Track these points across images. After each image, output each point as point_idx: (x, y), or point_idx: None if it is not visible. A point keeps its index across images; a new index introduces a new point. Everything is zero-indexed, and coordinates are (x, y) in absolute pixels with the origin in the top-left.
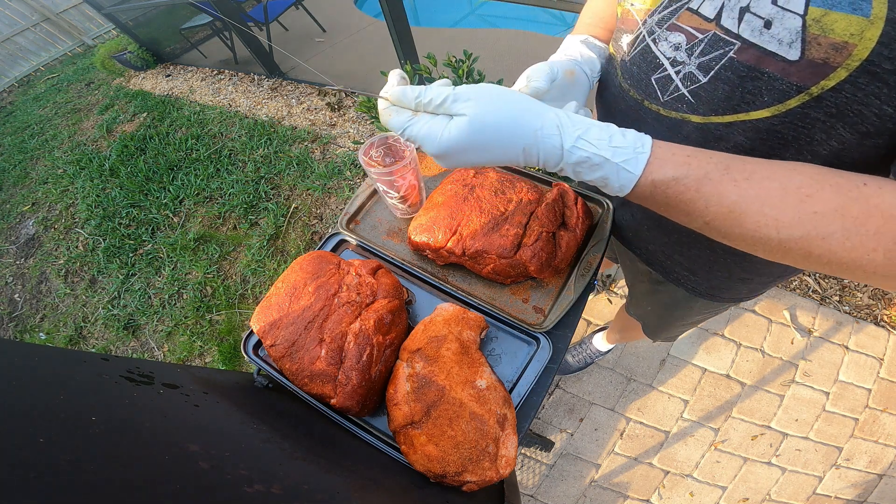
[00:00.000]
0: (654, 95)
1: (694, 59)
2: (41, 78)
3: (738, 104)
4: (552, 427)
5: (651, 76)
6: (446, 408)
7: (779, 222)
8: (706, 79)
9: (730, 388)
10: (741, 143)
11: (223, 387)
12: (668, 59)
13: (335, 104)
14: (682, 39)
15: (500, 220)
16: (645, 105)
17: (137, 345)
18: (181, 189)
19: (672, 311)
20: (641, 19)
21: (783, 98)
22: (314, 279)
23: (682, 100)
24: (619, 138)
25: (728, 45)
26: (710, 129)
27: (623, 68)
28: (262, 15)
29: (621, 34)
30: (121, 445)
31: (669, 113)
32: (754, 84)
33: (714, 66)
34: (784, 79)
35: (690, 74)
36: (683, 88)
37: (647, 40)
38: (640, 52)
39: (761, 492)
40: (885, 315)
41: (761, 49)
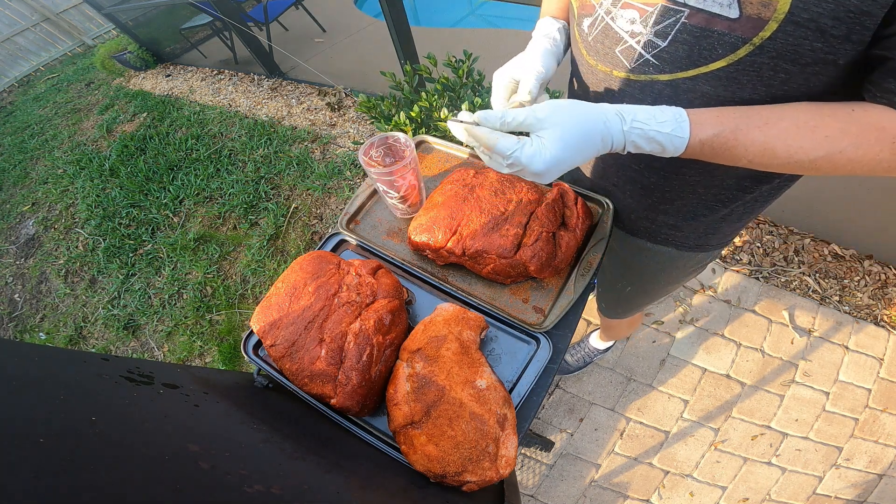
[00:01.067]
0: (620, 65)
1: (650, 28)
2: (41, 78)
3: (697, 59)
4: (552, 427)
5: (615, 49)
6: (446, 408)
7: (803, 149)
8: (665, 43)
9: (730, 388)
10: (706, 92)
11: (223, 387)
12: (626, 32)
13: (335, 104)
14: (636, 14)
15: (500, 220)
16: (614, 74)
17: (137, 345)
18: (181, 189)
19: (658, 275)
20: (598, 2)
21: (734, 49)
22: (314, 279)
23: (647, 64)
24: (660, 114)
25: (678, 12)
26: (678, 84)
27: (588, 47)
28: (262, 15)
29: (582, 19)
30: (121, 445)
31: (639, 77)
32: (708, 41)
33: (670, 31)
34: (731, 33)
35: (650, 42)
36: (647, 54)
37: (606, 19)
38: (601, 31)
39: (761, 492)
40: (885, 315)
41: (707, 12)
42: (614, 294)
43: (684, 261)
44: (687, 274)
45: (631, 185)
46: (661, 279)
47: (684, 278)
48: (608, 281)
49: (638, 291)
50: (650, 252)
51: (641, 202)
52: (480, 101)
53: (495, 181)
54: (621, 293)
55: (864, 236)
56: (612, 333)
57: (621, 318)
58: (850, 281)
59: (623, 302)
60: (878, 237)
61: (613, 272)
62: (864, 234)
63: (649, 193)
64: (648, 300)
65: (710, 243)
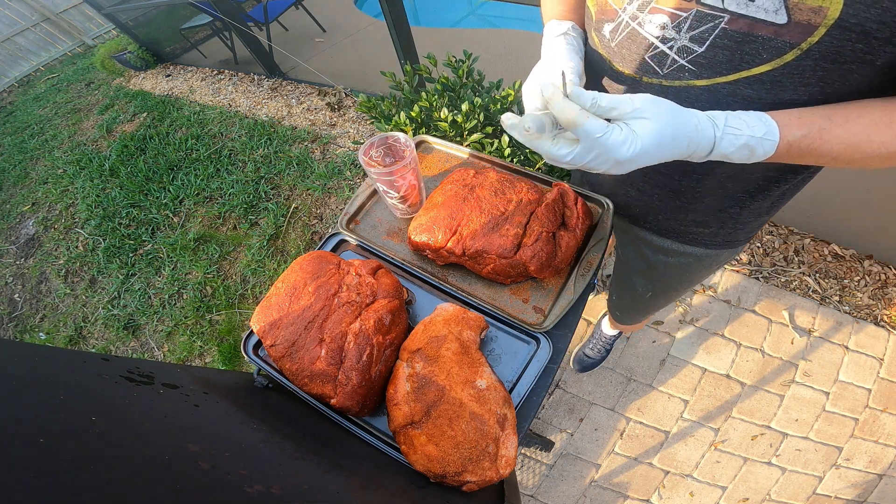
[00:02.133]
0: (651, 71)
1: (684, 34)
2: (41, 78)
3: (738, 64)
4: (552, 427)
5: (644, 55)
6: (446, 408)
7: (884, 144)
8: (702, 48)
9: (730, 388)
10: (748, 96)
11: (223, 387)
12: (656, 37)
13: (335, 104)
14: (666, 19)
15: (500, 220)
16: (644, 80)
17: (137, 345)
18: (181, 189)
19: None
20: (620, 7)
21: (780, 54)
22: (314, 279)
23: (682, 70)
24: (749, 118)
25: (716, 18)
26: (717, 88)
27: (612, 53)
28: (262, 15)
29: (602, 24)
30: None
31: (672, 83)
32: (751, 46)
33: (708, 36)
34: (777, 38)
35: (685, 47)
36: (681, 60)
37: (633, 25)
38: (627, 37)
39: (761, 492)
40: (885, 315)
41: (751, 18)
42: (632, 301)
43: (710, 259)
44: (708, 273)
45: (658, 189)
46: (684, 280)
47: (704, 277)
48: (625, 289)
49: (658, 296)
50: (676, 253)
51: (669, 204)
52: (480, 101)
53: (495, 181)
54: (640, 299)
55: (864, 236)
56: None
57: (636, 324)
58: (850, 281)
59: (641, 308)
60: (878, 237)
61: (634, 278)
62: (864, 234)
63: (678, 195)
64: (666, 303)
65: (737, 238)
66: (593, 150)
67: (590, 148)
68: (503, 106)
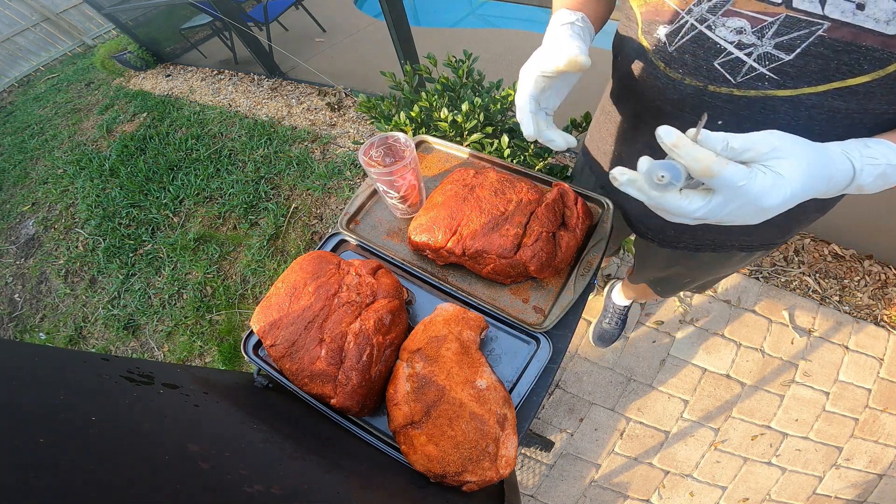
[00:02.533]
0: (720, 79)
1: (767, 40)
2: (41, 78)
3: (832, 74)
4: (552, 427)
5: (713, 61)
6: (446, 408)
7: None
8: (790, 56)
9: (730, 388)
10: (836, 107)
11: (223, 387)
12: (730, 42)
13: (335, 104)
14: (745, 24)
15: (500, 220)
16: (710, 90)
17: (137, 345)
18: (181, 189)
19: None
20: (683, 8)
21: (884, 65)
22: (314, 279)
23: (761, 78)
24: (879, 147)
25: (812, 25)
26: (801, 100)
27: (667, 59)
28: (262, 15)
29: (655, 26)
30: (121, 445)
31: (746, 92)
32: (850, 56)
33: (799, 44)
34: (885, 49)
35: (768, 54)
36: (761, 67)
37: (700, 27)
38: (693, 41)
39: (761, 492)
40: (885, 315)
41: (857, 27)
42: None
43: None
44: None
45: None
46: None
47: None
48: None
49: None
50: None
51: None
52: (480, 101)
53: (495, 181)
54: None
55: (864, 236)
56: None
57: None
58: (850, 281)
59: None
60: (878, 237)
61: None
62: (864, 234)
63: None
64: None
65: (777, 241)
66: (734, 202)
67: (730, 199)
68: (503, 106)
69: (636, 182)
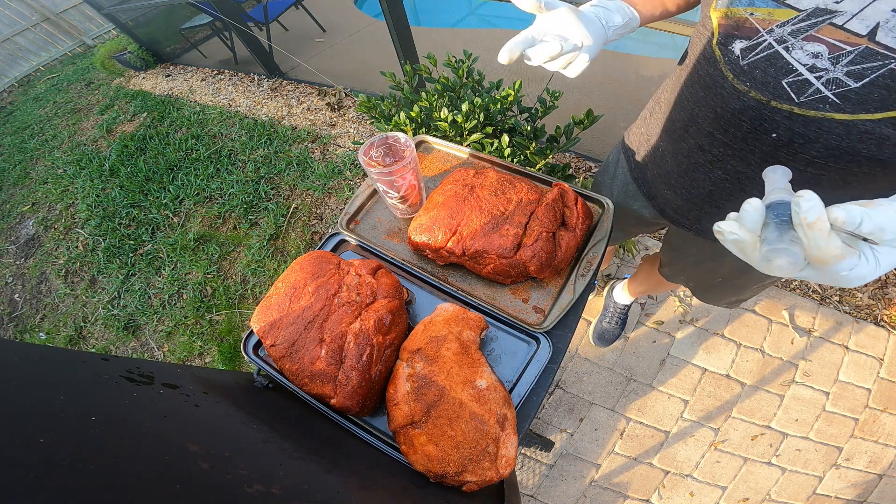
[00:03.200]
0: (784, 97)
1: (840, 67)
2: (41, 78)
3: (891, 105)
4: (552, 427)
5: (782, 80)
6: (446, 408)
7: None
8: (858, 84)
9: (730, 388)
10: (887, 134)
11: (223, 387)
12: (804, 65)
13: (335, 104)
14: (823, 49)
15: (500, 220)
16: (772, 105)
17: (137, 345)
18: (181, 189)
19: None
20: (765, 28)
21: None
22: (314, 279)
23: (824, 101)
24: None
25: (888, 58)
26: (855, 124)
27: (737, 71)
28: (262, 15)
29: (732, 40)
30: (121, 445)
31: (806, 112)
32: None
33: (868, 74)
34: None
35: (836, 80)
36: (827, 91)
37: (777, 47)
38: (767, 58)
39: (761, 492)
40: (885, 315)
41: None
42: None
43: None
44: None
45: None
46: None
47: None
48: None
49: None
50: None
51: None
52: (480, 101)
53: (495, 181)
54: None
55: None
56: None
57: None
58: None
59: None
60: None
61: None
62: None
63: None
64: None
65: None
66: (823, 278)
67: (821, 276)
68: (503, 106)
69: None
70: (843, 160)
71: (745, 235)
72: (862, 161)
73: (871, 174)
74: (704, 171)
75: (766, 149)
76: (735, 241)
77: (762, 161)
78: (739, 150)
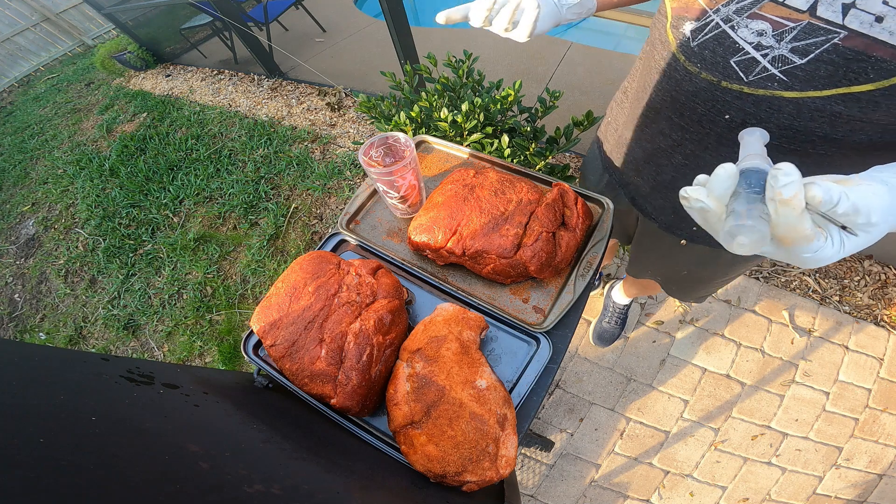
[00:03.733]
0: (734, 76)
1: (785, 44)
2: (41, 78)
3: (839, 81)
4: (552, 427)
5: (730, 59)
6: (446, 408)
7: None
8: (803, 61)
9: (730, 388)
10: (837, 112)
11: (223, 387)
12: (749, 43)
13: (335, 104)
14: (767, 27)
15: (500, 220)
16: (722, 85)
17: (137, 345)
18: (181, 189)
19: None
20: (711, 7)
21: (888, 76)
22: (314, 279)
23: (772, 79)
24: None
25: (830, 33)
26: (805, 102)
27: (688, 53)
28: (262, 15)
29: (682, 21)
30: (121, 445)
31: (756, 91)
32: (859, 65)
33: (813, 50)
34: (893, 61)
35: (782, 57)
36: (773, 69)
37: (724, 27)
38: (714, 38)
39: (761, 492)
40: (885, 315)
41: (871, 38)
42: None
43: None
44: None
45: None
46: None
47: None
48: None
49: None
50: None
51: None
52: (480, 101)
53: (495, 181)
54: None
55: None
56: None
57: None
58: (850, 281)
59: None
60: None
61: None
62: None
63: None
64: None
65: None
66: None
67: (782, 255)
68: (503, 106)
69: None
70: (798, 140)
71: (711, 204)
72: (816, 141)
73: (827, 155)
74: (667, 157)
75: (721, 131)
76: (700, 209)
77: (718, 144)
78: (696, 134)
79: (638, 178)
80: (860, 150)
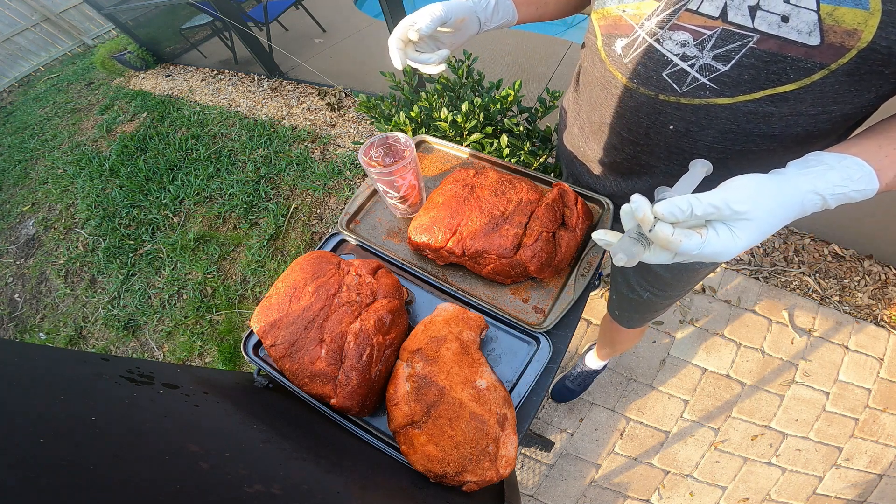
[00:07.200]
0: (669, 89)
1: (707, 52)
2: (41, 78)
3: (763, 83)
4: (552, 427)
5: (661, 72)
6: (446, 408)
7: None
8: (727, 67)
9: (730, 388)
10: (770, 112)
11: (223, 387)
12: (676, 55)
13: (335, 104)
14: (688, 37)
15: (500, 220)
16: (660, 98)
17: (137, 345)
18: (181, 189)
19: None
20: (637, 23)
21: (808, 74)
22: (314, 279)
23: (703, 88)
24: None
25: (744, 37)
26: (738, 107)
27: (623, 70)
28: (262, 15)
29: (613, 39)
30: (121, 445)
31: (692, 100)
32: (778, 66)
33: (733, 56)
34: (808, 59)
35: (708, 66)
36: (703, 78)
37: (650, 41)
38: (644, 53)
39: (761, 492)
40: (885, 315)
41: (782, 39)
42: (629, 302)
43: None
44: (708, 271)
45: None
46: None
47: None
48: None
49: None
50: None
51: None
52: (480, 101)
53: (495, 181)
54: (638, 300)
55: (864, 236)
56: (614, 349)
57: (635, 328)
58: (850, 281)
59: (640, 308)
60: (878, 237)
61: (630, 279)
62: (864, 234)
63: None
64: (666, 303)
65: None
66: (693, 259)
67: (680, 258)
68: (503, 106)
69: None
70: (740, 141)
71: (611, 239)
72: (757, 139)
73: (769, 150)
74: (625, 169)
75: (668, 140)
76: (604, 244)
77: (669, 154)
78: (646, 146)
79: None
80: (800, 140)
